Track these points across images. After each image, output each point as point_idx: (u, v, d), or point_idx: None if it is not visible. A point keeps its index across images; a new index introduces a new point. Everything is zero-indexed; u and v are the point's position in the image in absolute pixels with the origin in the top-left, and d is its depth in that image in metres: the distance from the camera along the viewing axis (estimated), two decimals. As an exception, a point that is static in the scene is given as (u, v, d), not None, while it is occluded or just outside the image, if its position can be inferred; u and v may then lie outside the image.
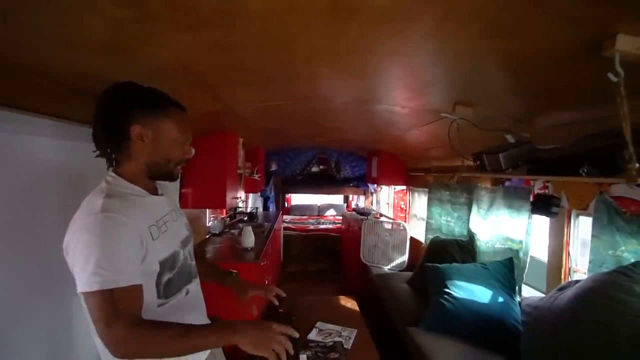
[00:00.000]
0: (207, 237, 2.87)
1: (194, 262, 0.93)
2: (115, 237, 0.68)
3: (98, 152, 0.78)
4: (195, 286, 0.90)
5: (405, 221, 3.54)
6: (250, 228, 2.50)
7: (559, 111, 1.31)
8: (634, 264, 1.15)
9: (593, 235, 1.33)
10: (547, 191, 1.62)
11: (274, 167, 4.04)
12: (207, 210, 2.91)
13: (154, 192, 0.84)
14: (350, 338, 1.82)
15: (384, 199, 4.68)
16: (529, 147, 1.24)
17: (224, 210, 3.45)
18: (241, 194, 2.73)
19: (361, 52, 1.01)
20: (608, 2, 0.66)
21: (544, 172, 1.12)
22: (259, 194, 4.25)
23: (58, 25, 0.72)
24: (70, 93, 1.15)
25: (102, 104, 0.76)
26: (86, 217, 0.68)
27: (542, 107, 1.34)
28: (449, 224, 2.57)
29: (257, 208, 3.93)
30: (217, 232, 2.88)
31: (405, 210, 3.76)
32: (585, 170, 0.88)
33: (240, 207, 3.96)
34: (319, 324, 1.95)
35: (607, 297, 1.15)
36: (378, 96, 1.65)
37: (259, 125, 2.53)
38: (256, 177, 3.37)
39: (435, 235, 2.65)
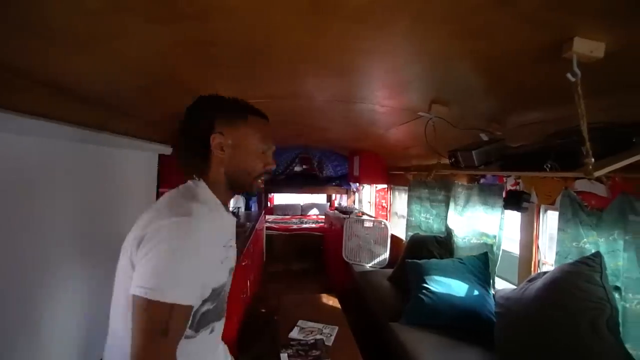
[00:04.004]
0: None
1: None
2: (199, 250, 0.63)
3: (183, 164, 0.76)
4: (220, 325, 0.81)
5: (386, 219, 3.61)
6: (231, 227, 2.46)
7: (528, 110, 1.38)
8: (594, 255, 1.22)
9: (559, 229, 1.41)
10: (518, 187, 1.70)
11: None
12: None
13: (227, 209, 0.81)
14: (331, 335, 1.84)
15: (366, 197, 4.74)
16: (501, 144, 1.30)
17: (205, 211, 3.38)
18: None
19: (341, 51, 1.03)
20: (566, 7, 0.70)
21: (513, 168, 1.18)
22: (241, 193, 4.20)
23: (24, 13, 0.69)
24: (38, 86, 1.10)
25: (187, 114, 0.76)
26: (176, 217, 0.63)
27: (513, 107, 1.41)
28: (428, 221, 2.64)
29: (238, 208, 3.89)
30: (198, 233, 2.82)
31: (387, 208, 3.83)
32: (549, 165, 0.94)
33: (221, 207, 3.90)
34: (300, 322, 1.96)
35: (572, 285, 1.22)
36: (358, 95, 1.68)
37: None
38: (238, 176, 3.33)
39: (415, 232, 2.72)
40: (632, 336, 1.08)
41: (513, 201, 1.58)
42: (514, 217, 1.85)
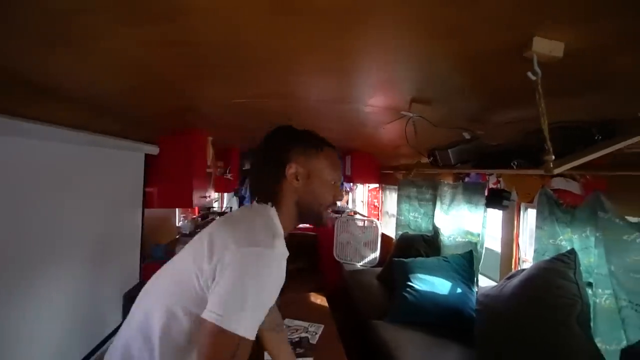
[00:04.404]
0: (177, 237, 2.82)
1: None
2: (272, 285, 0.65)
3: (257, 190, 0.77)
4: None
5: (378, 218, 3.62)
6: (219, 227, 2.47)
7: (507, 109, 1.39)
8: (569, 252, 1.24)
9: (537, 227, 1.42)
10: (499, 186, 1.71)
11: (247, 166, 4.02)
12: (177, 210, 2.86)
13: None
14: (316, 333, 1.85)
15: (359, 197, 4.76)
16: (477, 143, 1.32)
17: (196, 211, 3.40)
18: (211, 194, 2.70)
19: (321, 50, 1.03)
20: (526, 7, 0.72)
21: (485, 165, 1.20)
22: (233, 193, 4.21)
23: (5, 12, 0.70)
24: (21, 87, 1.10)
25: (263, 145, 0.78)
26: (259, 246, 0.63)
27: (492, 106, 1.42)
28: (417, 219, 2.65)
29: (230, 208, 3.90)
30: (188, 232, 2.84)
31: (379, 207, 3.84)
32: (516, 163, 0.96)
33: (214, 207, 3.91)
34: (286, 321, 1.96)
35: (546, 282, 1.24)
36: (343, 94, 1.68)
37: (228, 124, 2.51)
38: (229, 176, 3.34)
39: (405, 231, 2.73)
40: (601, 331, 1.09)
41: (494, 199, 1.59)
42: (498, 215, 1.87)
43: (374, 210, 4.07)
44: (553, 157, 0.77)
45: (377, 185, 3.85)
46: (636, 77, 0.83)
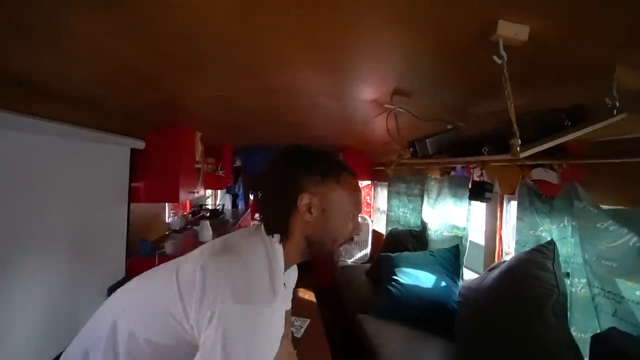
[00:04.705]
0: (166, 233, 2.81)
1: None
2: (271, 345, 0.64)
3: (264, 220, 0.69)
4: None
5: (370, 215, 3.62)
6: (207, 222, 2.48)
7: (482, 100, 1.40)
8: (548, 243, 1.24)
9: (518, 218, 1.42)
10: (482, 178, 1.71)
11: (238, 163, 4.01)
12: (167, 206, 2.85)
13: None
14: (302, 327, 1.84)
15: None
16: (454, 132, 1.31)
17: (187, 207, 3.39)
18: (200, 190, 2.69)
19: (296, 46, 1.02)
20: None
21: (460, 154, 1.19)
22: (225, 191, 4.20)
23: None
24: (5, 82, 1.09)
25: (272, 168, 0.68)
26: (254, 304, 0.57)
27: (469, 97, 1.42)
28: (406, 215, 2.65)
29: (223, 205, 3.89)
30: (177, 229, 2.83)
31: (371, 204, 3.84)
32: (486, 149, 0.95)
33: (207, 205, 3.91)
34: (272, 315, 1.96)
35: (526, 273, 1.23)
36: (328, 89, 1.68)
37: (218, 121, 2.50)
38: (220, 173, 3.33)
39: (394, 227, 2.73)
40: (576, 319, 1.09)
41: (477, 192, 1.59)
42: (482, 209, 1.86)
43: (366, 207, 4.07)
44: (519, 141, 0.77)
45: (369, 182, 3.84)
46: (602, 62, 0.83)
